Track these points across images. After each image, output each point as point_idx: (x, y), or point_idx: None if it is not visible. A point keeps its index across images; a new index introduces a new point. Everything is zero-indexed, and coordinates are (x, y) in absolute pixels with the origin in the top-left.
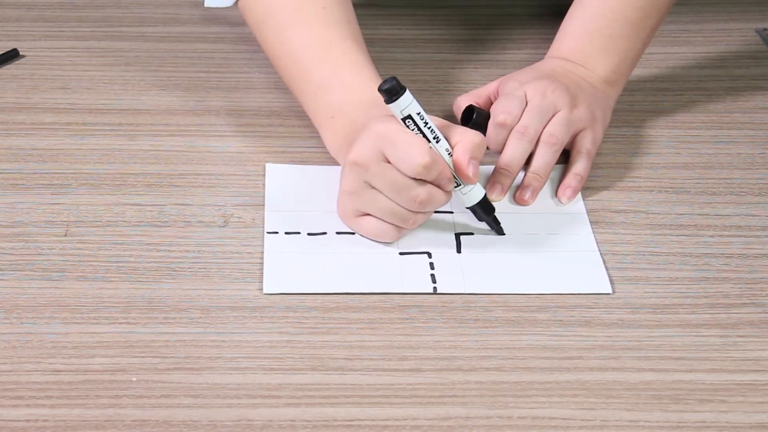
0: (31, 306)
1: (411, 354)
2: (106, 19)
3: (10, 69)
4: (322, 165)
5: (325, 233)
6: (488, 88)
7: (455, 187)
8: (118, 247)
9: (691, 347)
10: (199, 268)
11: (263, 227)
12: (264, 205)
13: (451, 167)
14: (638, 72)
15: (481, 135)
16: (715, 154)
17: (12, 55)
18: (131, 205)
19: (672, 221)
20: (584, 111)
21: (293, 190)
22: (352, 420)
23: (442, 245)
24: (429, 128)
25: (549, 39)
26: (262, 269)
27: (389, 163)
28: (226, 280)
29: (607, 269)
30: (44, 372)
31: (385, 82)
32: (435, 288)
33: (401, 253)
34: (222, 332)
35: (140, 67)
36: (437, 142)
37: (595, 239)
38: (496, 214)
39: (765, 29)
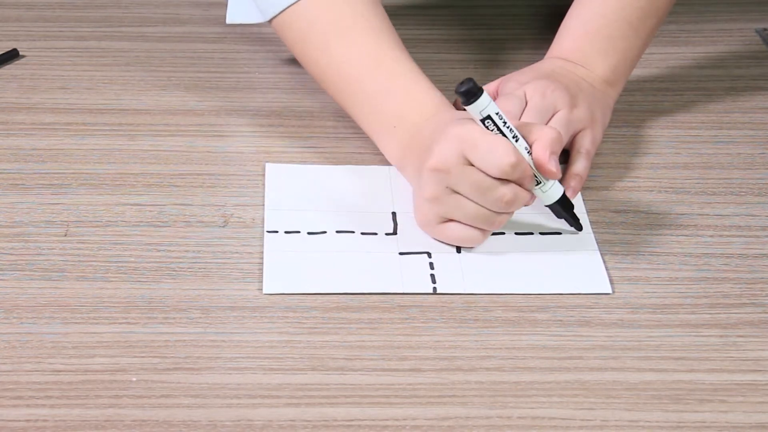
0: (31, 306)
1: (411, 354)
2: (106, 19)
3: (10, 69)
4: (322, 165)
5: (325, 232)
6: (488, 89)
7: (536, 185)
8: (118, 247)
9: (691, 347)
10: (199, 268)
11: (263, 227)
12: (264, 204)
13: (532, 165)
14: (638, 72)
15: (558, 130)
16: (715, 154)
17: (12, 55)
18: (131, 205)
19: (672, 221)
20: (584, 111)
21: (293, 189)
22: (352, 420)
23: (442, 245)
24: (508, 128)
25: (549, 39)
26: (262, 269)
27: (472, 165)
28: (225, 280)
29: (607, 269)
30: (44, 372)
31: (461, 84)
32: (435, 288)
33: (401, 253)
34: (222, 332)
35: (140, 67)
36: (516, 141)
37: (595, 239)
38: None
39: (765, 29)
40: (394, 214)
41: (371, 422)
